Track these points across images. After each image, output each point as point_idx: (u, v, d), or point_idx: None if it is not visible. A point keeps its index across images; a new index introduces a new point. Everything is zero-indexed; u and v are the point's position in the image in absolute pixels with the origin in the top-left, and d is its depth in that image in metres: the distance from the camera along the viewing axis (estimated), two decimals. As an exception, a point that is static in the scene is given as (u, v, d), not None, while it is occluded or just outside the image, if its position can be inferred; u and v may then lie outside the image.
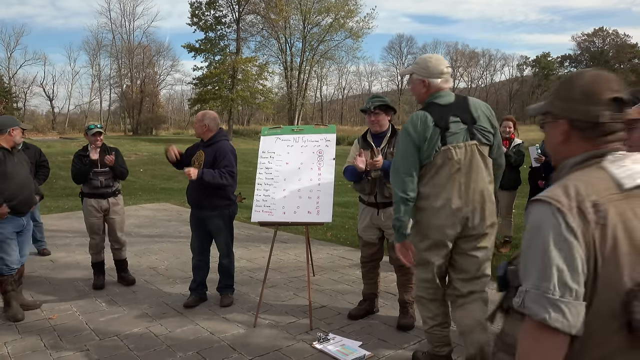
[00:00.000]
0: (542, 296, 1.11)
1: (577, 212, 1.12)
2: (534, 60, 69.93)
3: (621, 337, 1.12)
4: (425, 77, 2.77)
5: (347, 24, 44.44)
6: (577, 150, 1.25)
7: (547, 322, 1.10)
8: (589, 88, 1.23)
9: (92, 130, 4.85)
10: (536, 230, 1.16)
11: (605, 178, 1.18)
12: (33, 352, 3.50)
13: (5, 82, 51.55)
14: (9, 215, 3.99)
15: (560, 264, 1.11)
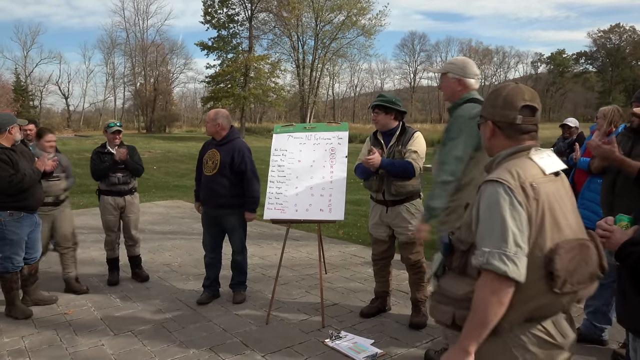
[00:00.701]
0: (503, 254, 1.45)
1: (522, 190, 1.49)
2: (548, 57, 69.17)
3: (543, 283, 1.48)
4: (462, 76, 2.90)
5: (359, 22, 44.30)
6: (502, 145, 1.65)
7: (507, 274, 1.44)
8: (507, 98, 1.63)
9: (112, 128, 4.91)
10: (494, 203, 1.50)
11: (534, 166, 1.56)
12: (49, 346, 3.55)
13: (22, 81, 52.30)
14: (24, 214, 4.02)
15: (514, 229, 1.47)
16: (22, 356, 3.40)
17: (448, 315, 1.59)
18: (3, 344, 3.58)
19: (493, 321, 1.48)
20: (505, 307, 1.47)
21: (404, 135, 3.74)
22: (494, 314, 1.47)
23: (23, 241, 4.08)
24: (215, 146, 4.32)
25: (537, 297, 1.49)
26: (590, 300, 3.49)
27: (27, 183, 3.94)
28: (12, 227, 3.98)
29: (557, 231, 1.51)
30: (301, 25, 44.99)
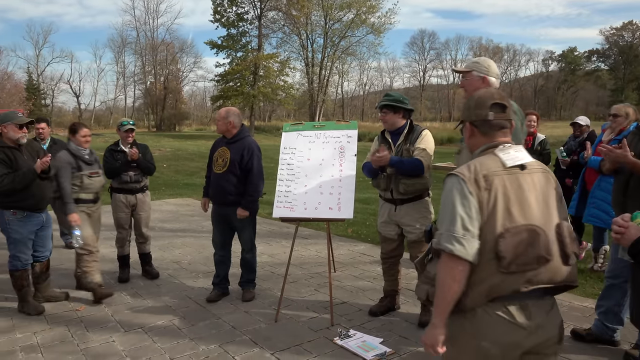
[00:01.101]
0: (451, 235, 1.67)
1: (474, 181, 1.70)
2: (560, 55, 68.45)
3: (493, 264, 1.66)
4: (486, 75, 2.95)
5: (368, 20, 44.15)
6: (479, 142, 1.87)
7: (453, 252, 1.65)
8: (479, 99, 1.87)
9: (125, 126, 4.94)
10: (449, 192, 1.74)
11: (496, 160, 1.77)
12: (61, 342, 3.59)
13: (34, 80, 52.81)
14: (27, 213, 4.05)
15: (462, 214, 1.68)
16: (34, 352, 3.44)
17: (424, 292, 1.85)
18: (16, 340, 3.63)
19: (450, 296, 1.68)
20: (460, 284, 1.67)
21: (412, 134, 3.73)
22: (449, 290, 1.68)
23: (28, 240, 4.11)
24: (226, 144, 4.33)
25: (489, 277, 1.67)
26: (601, 301, 3.46)
27: (18, 183, 3.89)
28: (16, 226, 4.02)
29: (508, 218, 1.68)
30: (310, 24, 44.93)
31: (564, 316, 3.87)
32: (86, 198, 4.47)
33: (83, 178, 4.40)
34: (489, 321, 1.70)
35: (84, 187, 4.42)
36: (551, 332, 1.77)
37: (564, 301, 4.22)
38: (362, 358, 3.27)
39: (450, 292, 1.67)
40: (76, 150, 4.43)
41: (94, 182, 4.47)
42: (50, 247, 4.42)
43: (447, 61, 70.14)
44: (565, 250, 1.73)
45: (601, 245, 5.01)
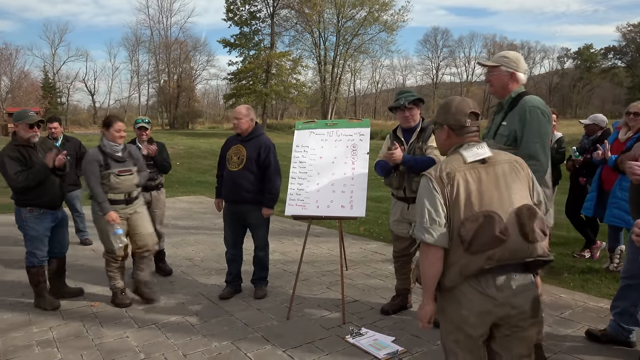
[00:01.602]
0: (422, 227, 1.98)
1: (439, 179, 2.00)
2: (575, 52, 67.50)
3: (460, 247, 1.94)
4: (515, 70, 2.94)
5: (381, 17, 43.99)
6: (453, 143, 2.13)
7: (424, 240, 1.96)
8: (458, 107, 2.12)
9: (138, 124, 4.99)
10: (420, 190, 2.05)
11: (459, 158, 2.05)
12: (76, 337, 3.64)
13: (50, 78, 53.50)
14: (43, 210, 4.11)
15: (430, 208, 1.97)
16: (50, 346, 3.49)
17: (415, 276, 2.17)
18: (32, 334, 3.69)
19: (430, 277, 1.99)
20: (435, 267, 1.97)
21: (424, 132, 3.71)
22: (428, 272, 1.99)
23: (44, 237, 4.17)
24: (241, 142, 4.33)
25: (459, 259, 1.95)
26: (617, 302, 3.42)
27: (32, 180, 3.93)
28: (32, 223, 4.09)
29: (470, 207, 1.95)
30: (323, 22, 44.90)
31: (579, 317, 3.83)
32: (116, 199, 4.12)
33: (110, 177, 4.09)
34: (465, 294, 1.98)
35: (112, 186, 4.10)
36: (523, 305, 1.98)
37: (579, 302, 4.18)
38: (374, 356, 3.26)
39: (429, 274, 1.99)
40: (108, 146, 4.13)
41: (122, 181, 4.13)
42: (66, 244, 4.47)
43: (461, 59, 69.63)
44: (524, 230, 1.93)
45: (617, 245, 4.94)
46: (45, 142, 4.29)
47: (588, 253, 5.52)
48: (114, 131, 4.14)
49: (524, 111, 2.85)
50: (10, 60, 46.64)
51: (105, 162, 4.08)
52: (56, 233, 4.30)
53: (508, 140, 2.89)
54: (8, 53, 46.68)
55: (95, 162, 4.05)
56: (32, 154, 4.03)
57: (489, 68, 3.03)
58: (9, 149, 4.00)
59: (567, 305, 4.11)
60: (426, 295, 2.05)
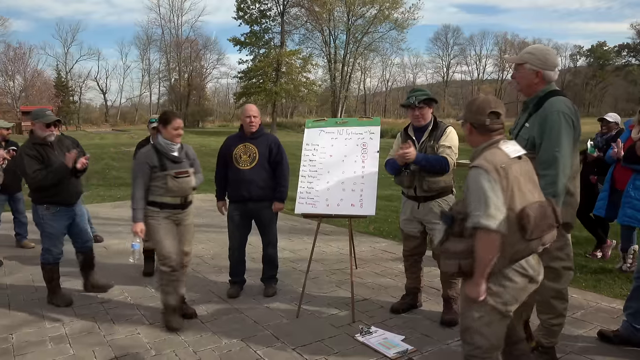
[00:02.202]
0: (485, 214, 2.08)
1: (495, 170, 2.12)
2: (588, 50, 66.76)
3: (518, 234, 2.13)
4: (542, 68, 2.75)
5: (391, 15, 43.85)
6: (478, 140, 2.32)
7: (489, 227, 2.06)
8: (480, 106, 2.29)
9: (153, 124, 5.02)
10: (476, 181, 2.14)
11: (502, 153, 2.20)
12: (88, 333, 3.68)
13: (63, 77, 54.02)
14: (60, 208, 4.15)
15: (491, 197, 2.09)
16: (63, 342, 3.53)
17: (454, 266, 2.22)
18: (45, 330, 3.74)
19: (489, 262, 2.12)
20: (495, 252, 2.10)
21: (436, 130, 3.68)
22: (486, 256, 2.11)
23: (61, 235, 4.22)
24: (249, 140, 4.33)
25: (515, 244, 2.13)
26: (630, 302, 3.38)
27: (50, 179, 3.97)
28: (50, 220, 4.13)
29: (522, 197, 2.15)
30: (333, 20, 44.85)
31: (591, 317, 3.80)
32: (172, 202, 3.78)
33: (167, 179, 3.71)
34: (508, 277, 2.20)
35: (169, 189, 3.72)
36: (541, 276, 2.35)
37: (591, 302, 4.14)
38: (384, 355, 3.26)
39: (488, 259, 2.11)
40: (163, 145, 3.77)
41: (180, 183, 3.76)
42: (89, 237, 4.51)
43: (472, 57, 69.18)
44: (558, 217, 2.26)
45: (630, 245, 4.88)
46: (63, 141, 4.31)
47: (600, 253, 5.46)
48: (172, 129, 3.74)
49: (545, 116, 2.66)
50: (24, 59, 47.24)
51: (161, 162, 3.71)
52: (74, 228, 4.35)
53: (527, 144, 2.67)
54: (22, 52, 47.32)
55: (145, 164, 3.68)
56: (49, 152, 4.07)
57: (515, 65, 2.84)
58: (27, 148, 4.04)
59: (579, 305, 4.07)
60: (480, 277, 2.17)
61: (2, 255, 5.65)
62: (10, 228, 6.31)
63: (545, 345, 3.01)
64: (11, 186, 5.79)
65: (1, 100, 44.22)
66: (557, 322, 2.98)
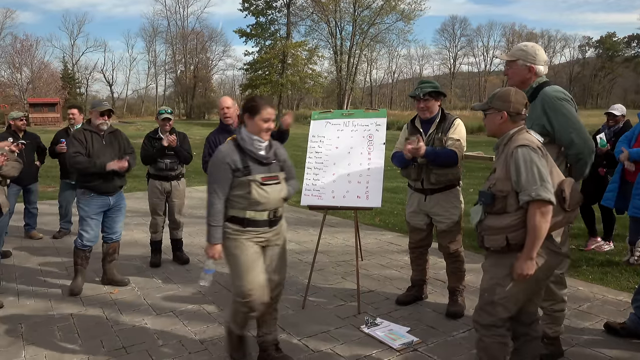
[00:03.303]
0: (545, 187, 2.25)
1: (539, 149, 2.35)
2: (597, 41, 66.04)
3: (559, 205, 2.33)
4: (533, 64, 2.90)
5: (398, 6, 43.53)
6: (509, 127, 2.47)
7: (550, 199, 2.25)
8: (516, 96, 2.46)
9: (162, 115, 5.04)
10: (527, 158, 2.30)
11: (533, 137, 2.43)
12: (96, 323, 3.72)
13: (69, 69, 54.19)
14: (94, 195, 4.27)
15: (544, 171, 2.29)
16: (71, 332, 3.57)
17: (502, 240, 2.36)
18: (54, 320, 3.78)
19: (545, 233, 2.27)
20: (549, 222, 2.27)
21: (444, 123, 3.66)
22: (544, 228, 2.26)
23: (91, 220, 4.31)
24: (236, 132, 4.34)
25: (556, 215, 2.31)
26: (638, 295, 3.36)
27: (81, 169, 4.21)
28: (83, 204, 4.30)
29: (557, 175, 2.40)
30: (339, 11, 44.59)
31: (598, 310, 3.79)
32: (257, 219, 2.83)
33: (252, 187, 2.76)
34: (541, 253, 2.33)
35: (253, 200, 2.77)
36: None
37: (598, 294, 4.13)
38: (389, 346, 3.27)
39: (544, 231, 2.27)
40: (249, 141, 2.81)
41: (268, 193, 2.80)
42: (118, 231, 4.57)
43: (479, 48, 68.67)
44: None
45: (638, 238, 4.84)
46: (117, 135, 4.48)
47: (608, 246, 5.43)
48: (261, 120, 2.79)
49: (548, 104, 2.81)
50: (30, 51, 47.39)
51: (245, 164, 2.78)
52: (108, 218, 4.46)
53: None
54: (29, 44, 47.46)
55: (226, 165, 2.77)
56: (96, 140, 4.29)
57: (507, 62, 2.98)
58: (77, 131, 4.42)
59: (586, 297, 4.06)
60: (532, 252, 2.29)
61: (11, 246, 5.71)
62: (19, 219, 6.36)
63: (550, 336, 3.01)
64: (25, 178, 5.84)
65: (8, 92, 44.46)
66: (559, 308, 3.00)
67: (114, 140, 4.41)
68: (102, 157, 4.23)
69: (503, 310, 2.42)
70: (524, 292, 2.42)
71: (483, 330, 2.48)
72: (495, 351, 2.46)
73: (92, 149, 4.23)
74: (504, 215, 2.35)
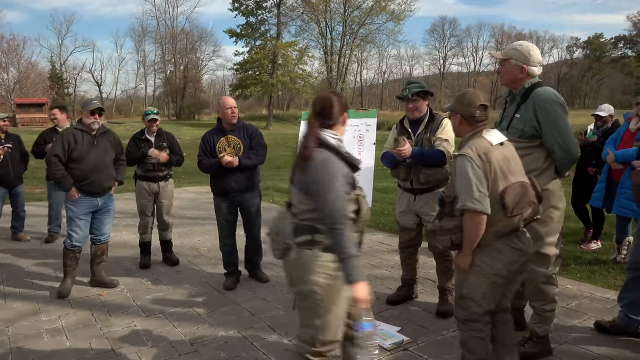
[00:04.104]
0: (471, 198, 2.33)
1: (478, 157, 2.38)
2: (585, 41, 66.71)
3: (501, 212, 2.36)
4: (525, 64, 2.87)
5: (388, 7, 43.68)
6: (466, 130, 2.55)
7: (476, 209, 2.32)
8: (470, 99, 2.51)
9: (149, 116, 5.00)
10: (463, 168, 2.38)
11: (485, 141, 2.45)
12: (85, 325, 3.68)
13: (57, 69, 53.64)
14: (82, 196, 4.22)
15: (474, 183, 2.34)
16: (59, 334, 3.53)
17: (447, 241, 2.49)
18: (41, 323, 3.73)
19: (476, 239, 2.40)
20: (482, 230, 2.37)
21: (432, 123, 3.68)
22: (474, 235, 2.39)
23: (79, 220, 4.28)
24: (230, 132, 4.38)
25: (499, 221, 2.38)
26: (623, 293, 3.40)
27: (51, 174, 4.20)
28: (70, 204, 4.26)
29: (504, 179, 2.39)
30: (329, 11, 44.65)
31: (586, 308, 3.82)
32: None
33: (361, 203, 2.23)
34: (500, 250, 2.44)
35: (361, 219, 2.24)
36: (532, 249, 2.60)
37: (585, 292, 4.16)
38: (380, 346, 3.27)
39: (475, 236, 2.39)
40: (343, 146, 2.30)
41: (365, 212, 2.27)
42: (106, 232, 4.51)
43: (468, 49, 69.09)
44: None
45: (625, 237, 4.91)
46: (109, 136, 4.43)
47: (595, 244, 5.49)
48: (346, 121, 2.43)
49: (539, 105, 2.81)
50: (17, 51, 46.87)
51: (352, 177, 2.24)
52: (96, 219, 4.42)
53: (524, 134, 2.86)
54: (15, 44, 46.94)
55: (342, 177, 2.12)
56: (86, 139, 4.23)
57: (500, 60, 2.96)
58: (67, 130, 4.37)
59: (574, 295, 4.10)
60: (468, 250, 2.45)
61: (-3, 248, 5.64)
62: (5, 221, 6.28)
63: (539, 335, 3.03)
64: (11, 180, 5.77)
65: (-5, 92, 43.89)
66: (550, 308, 3.02)
67: (105, 141, 4.36)
68: (90, 159, 4.19)
69: (474, 304, 2.51)
70: (490, 287, 2.48)
71: (461, 325, 2.60)
72: (473, 345, 2.54)
73: (81, 148, 4.18)
74: (452, 218, 2.48)
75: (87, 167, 4.19)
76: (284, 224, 2.24)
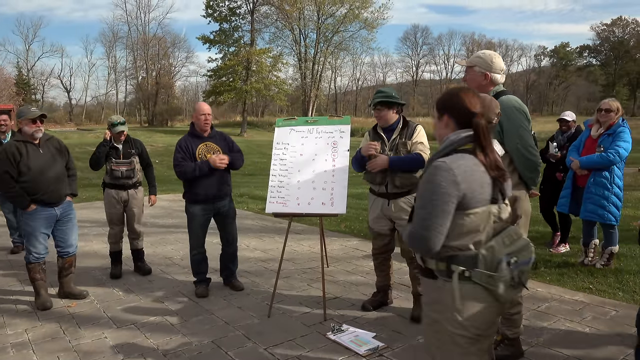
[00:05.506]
0: None
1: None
2: (552, 50, 68.72)
3: None
4: (488, 71, 2.96)
5: (361, 15, 44.08)
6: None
7: None
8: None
9: (117, 128, 4.91)
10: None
11: None
12: (52, 339, 3.57)
13: (24, 74, 52.26)
14: (38, 207, 4.06)
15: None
16: (25, 349, 3.42)
17: None
18: (6, 337, 3.61)
19: None
20: None
21: (406, 129, 3.73)
22: None
23: (39, 234, 4.12)
24: (209, 139, 4.37)
25: None
26: None
27: (5, 190, 3.99)
28: (27, 219, 4.08)
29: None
30: (303, 19, 44.81)
31: (555, 310, 3.90)
32: None
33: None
34: None
35: None
36: None
37: (555, 295, 4.26)
38: (355, 352, 3.28)
39: None
40: None
41: None
42: (72, 243, 4.36)
43: (440, 56, 70.39)
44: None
45: (591, 240, 5.05)
46: (51, 141, 4.23)
47: (564, 247, 5.63)
48: None
49: (504, 111, 2.85)
50: (-18, 56, 45.40)
51: None
52: (58, 231, 4.26)
53: None
54: (-20, 49, 45.47)
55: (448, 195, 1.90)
56: (32, 150, 4.03)
57: (465, 68, 3.06)
58: (9, 144, 4.06)
59: (544, 298, 4.19)
60: None
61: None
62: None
63: (510, 337, 3.09)
64: None
65: (-42, 98, 42.45)
66: (516, 311, 3.08)
67: (51, 147, 4.16)
68: (41, 169, 4.02)
69: None
70: None
71: None
72: None
73: (27, 160, 3.96)
74: None
75: (37, 179, 4.00)
76: None
